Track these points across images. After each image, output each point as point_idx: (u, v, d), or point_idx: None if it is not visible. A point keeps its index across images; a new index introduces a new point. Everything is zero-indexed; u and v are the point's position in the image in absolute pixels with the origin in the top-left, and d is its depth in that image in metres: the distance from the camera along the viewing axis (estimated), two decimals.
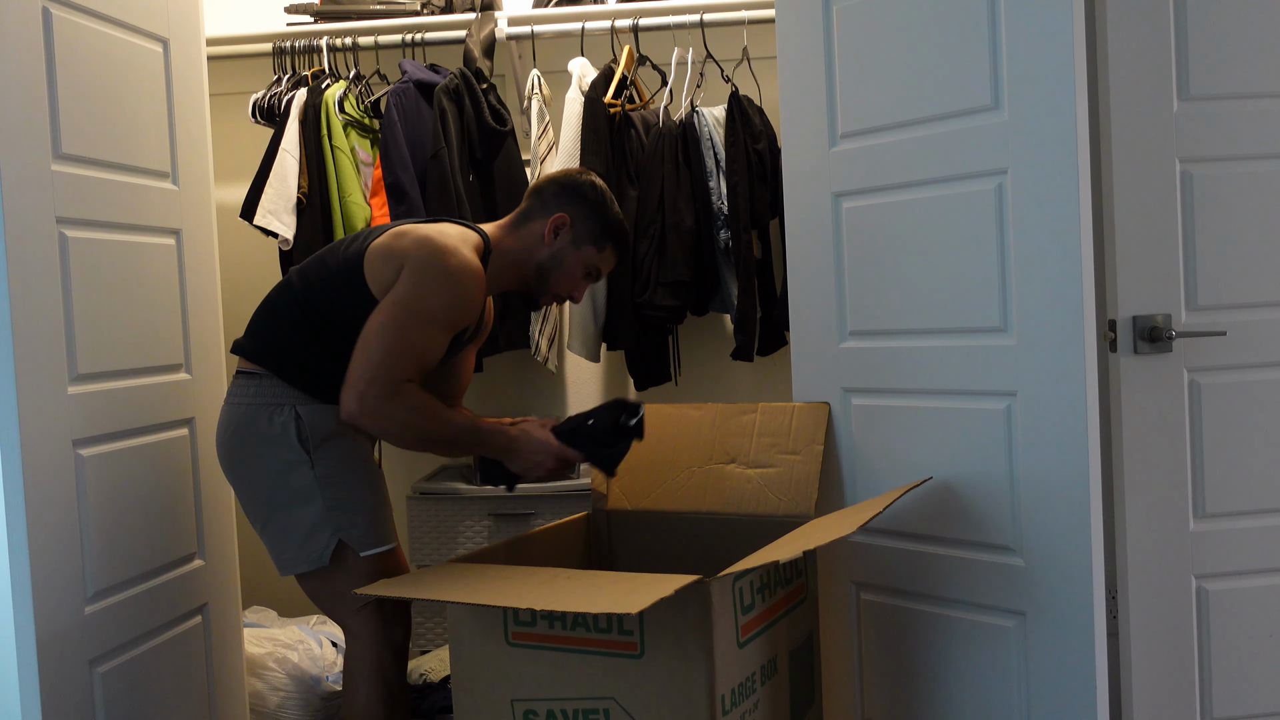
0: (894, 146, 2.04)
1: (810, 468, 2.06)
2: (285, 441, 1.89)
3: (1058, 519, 1.84)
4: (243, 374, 1.97)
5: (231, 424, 1.95)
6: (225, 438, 1.97)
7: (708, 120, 2.75)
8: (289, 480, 1.89)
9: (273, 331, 1.95)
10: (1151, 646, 2.05)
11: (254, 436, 1.92)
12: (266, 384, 1.93)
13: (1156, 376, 2.04)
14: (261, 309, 2.01)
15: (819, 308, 2.17)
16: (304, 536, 1.89)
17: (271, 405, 1.91)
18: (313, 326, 1.92)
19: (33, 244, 1.81)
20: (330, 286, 1.90)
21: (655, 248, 2.68)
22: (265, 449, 1.91)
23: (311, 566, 1.90)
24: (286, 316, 1.95)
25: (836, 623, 2.17)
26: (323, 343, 1.91)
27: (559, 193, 2.02)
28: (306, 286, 1.94)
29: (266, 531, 1.94)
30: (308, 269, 1.98)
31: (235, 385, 1.98)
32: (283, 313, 1.96)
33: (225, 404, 1.99)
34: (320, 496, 1.89)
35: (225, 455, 1.98)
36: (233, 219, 2.80)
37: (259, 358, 1.95)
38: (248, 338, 2.00)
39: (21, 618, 1.76)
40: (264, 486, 1.93)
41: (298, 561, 1.90)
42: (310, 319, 1.92)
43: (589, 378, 3.14)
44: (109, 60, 2.03)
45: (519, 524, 2.70)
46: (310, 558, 1.89)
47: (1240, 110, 2.05)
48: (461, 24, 2.85)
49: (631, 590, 1.46)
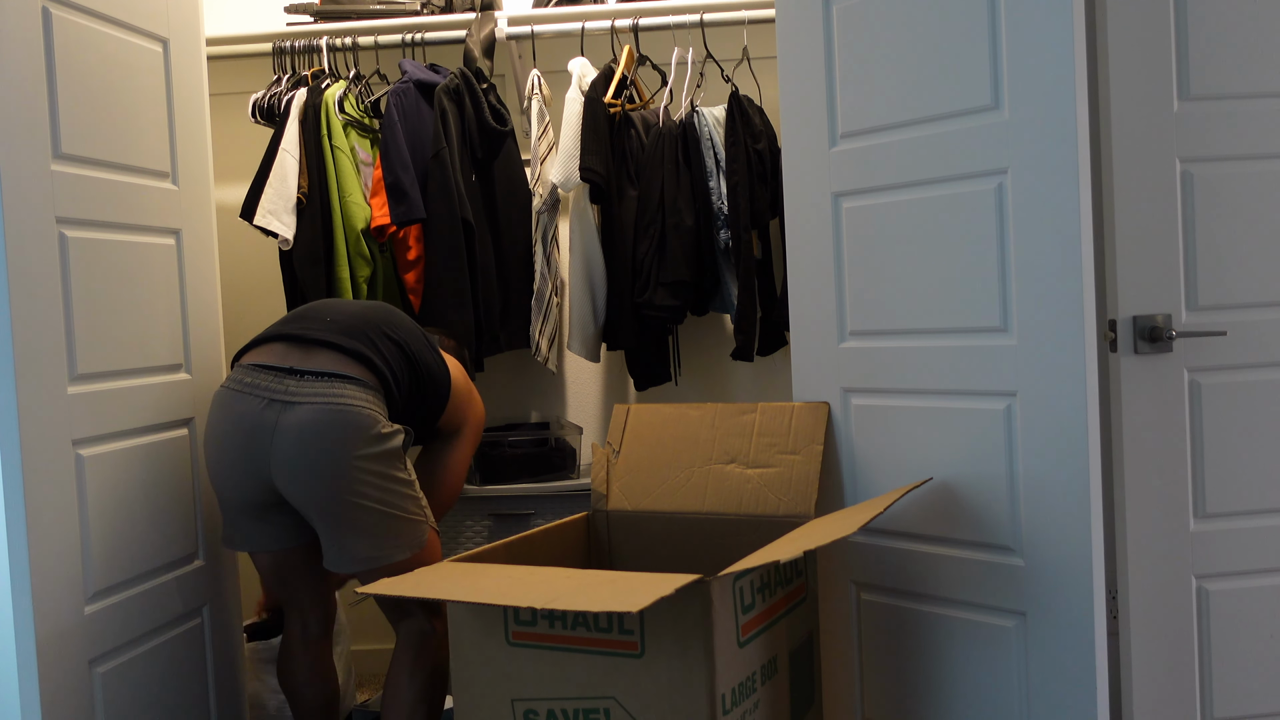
0: (894, 146, 2.04)
1: (810, 468, 2.06)
2: (394, 447, 2.04)
3: (1058, 519, 1.84)
4: (352, 379, 2.00)
5: (354, 424, 1.97)
6: (343, 434, 1.96)
7: (708, 120, 2.75)
8: (398, 480, 2.04)
9: (390, 358, 2.09)
10: (1151, 646, 2.05)
11: (374, 436, 2.00)
12: (376, 396, 2.03)
13: (1156, 376, 2.04)
14: (371, 327, 2.11)
15: (819, 308, 2.17)
16: (411, 527, 2.06)
17: (384, 414, 2.04)
18: (413, 384, 2.14)
19: (33, 244, 1.81)
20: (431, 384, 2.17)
21: (655, 248, 2.68)
22: (382, 450, 2.01)
23: (415, 551, 2.06)
24: (399, 354, 2.11)
25: (836, 623, 2.17)
26: (413, 396, 2.14)
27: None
28: (416, 356, 2.14)
29: (362, 527, 2.01)
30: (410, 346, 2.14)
31: (347, 387, 1.99)
32: (396, 348, 2.11)
33: (333, 405, 1.96)
34: (417, 494, 2.09)
35: (339, 452, 1.96)
36: (233, 219, 2.80)
37: (374, 371, 2.04)
38: (362, 345, 2.05)
39: (21, 618, 1.76)
40: (376, 486, 2.00)
41: (402, 548, 2.05)
42: (415, 376, 2.14)
43: (589, 378, 3.15)
44: (109, 60, 2.03)
45: (519, 524, 2.70)
46: (415, 544, 2.07)
47: (1240, 110, 2.05)
48: (461, 24, 2.85)
49: (632, 589, 1.46)
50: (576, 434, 2.91)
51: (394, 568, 2.02)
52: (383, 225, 2.67)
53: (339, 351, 2.02)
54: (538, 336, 2.81)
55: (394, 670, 2.11)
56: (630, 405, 2.28)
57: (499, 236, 2.82)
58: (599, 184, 2.70)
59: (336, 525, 2.00)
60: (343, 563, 2.03)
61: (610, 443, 2.25)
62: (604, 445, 2.26)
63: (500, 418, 3.11)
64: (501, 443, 2.83)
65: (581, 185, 2.75)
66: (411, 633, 2.10)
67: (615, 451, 2.24)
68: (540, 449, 2.84)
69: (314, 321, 2.10)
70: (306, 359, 2.02)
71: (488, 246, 2.75)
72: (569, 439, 2.88)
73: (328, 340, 2.03)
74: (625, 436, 2.25)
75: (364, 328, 2.09)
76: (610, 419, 2.30)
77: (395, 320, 2.17)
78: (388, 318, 2.16)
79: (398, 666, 2.10)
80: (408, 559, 2.05)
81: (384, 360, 2.06)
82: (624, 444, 2.24)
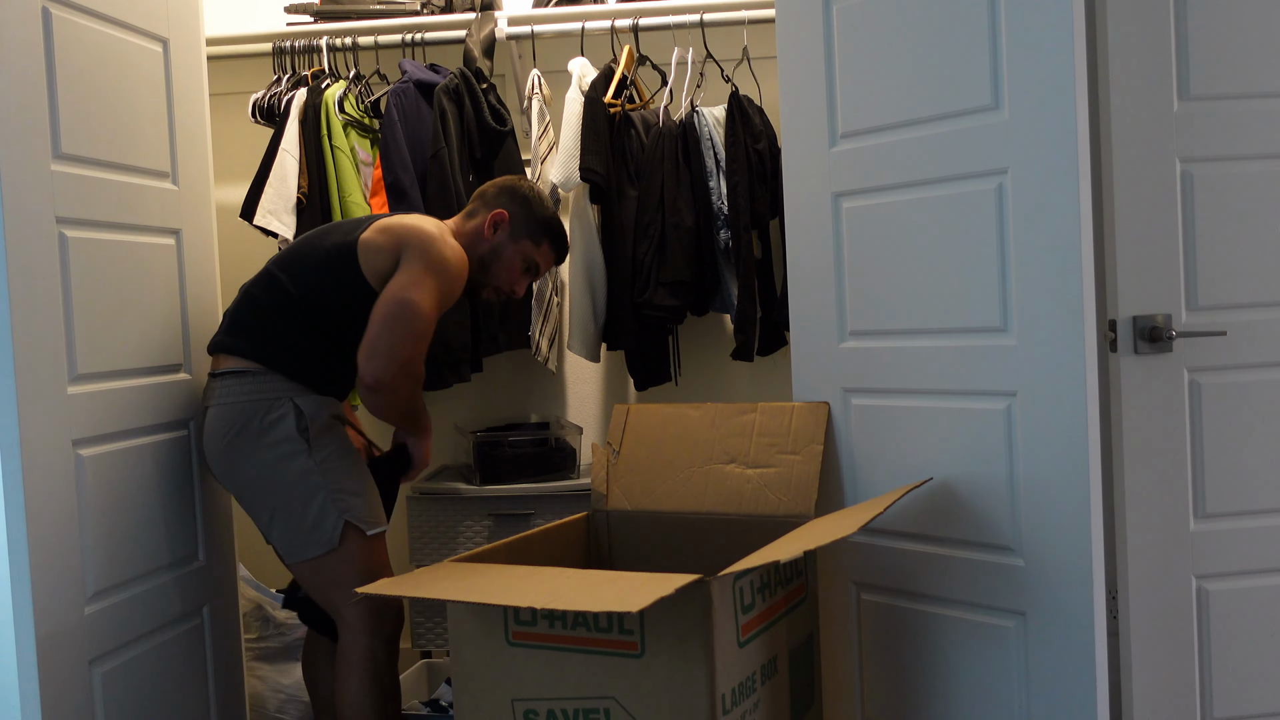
0: (894, 146, 2.04)
1: (810, 468, 2.06)
2: (285, 433, 1.97)
3: (1058, 519, 1.84)
4: (231, 373, 2.02)
5: (228, 423, 1.99)
6: (221, 439, 2.01)
7: (708, 120, 2.75)
8: (291, 469, 1.97)
9: (266, 327, 2.03)
10: (1151, 646, 2.05)
11: (253, 431, 1.98)
12: (261, 380, 2.00)
13: (1156, 376, 2.04)
14: (246, 306, 2.08)
15: (819, 308, 2.17)
16: (313, 522, 1.97)
17: (268, 400, 1.99)
18: (311, 319, 2.02)
19: (33, 244, 1.81)
20: (326, 279, 2.01)
21: (655, 248, 2.68)
22: (266, 443, 1.98)
23: (323, 550, 1.97)
24: (279, 311, 2.03)
25: (836, 623, 2.17)
26: (322, 333, 2.02)
27: (499, 193, 2.20)
28: (300, 281, 2.02)
29: (274, 524, 2.00)
30: (289, 264, 2.06)
31: (223, 385, 2.02)
32: (274, 308, 2.03)
33: (213, 406, 2.03)
34: (324, 482, 1.98)
35: (223, 455, 2.01)
36: (233, 219, 2.80)
37: (252, 354, 2.01)
38: (235, 336, 2.05)
39: (21, 618, 1.76)
40: (267, 480, 1.98)
41: (308, 546, 1.98)
42: (308, 312, 2.02)
43: (589, 378, 3.15)
44: (109, 60, 2.03)
45: (519, 524, 2.70)
46: (321, 541, 1.97)
47: (1240, 110, 2.05)
48: (461, 24, 2.85)
49: (632, 589, 1.46)
50: (576, 434, 2.91)
51: (309, 567, 2.01)
52: None
53: (223, 350, 2.07)
54: (538, 336, 2.81)
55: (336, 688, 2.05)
56: (630, 405, 2.28)
57: None
58: (599, 184, 2.70)
59: (254, 520, 2.05)
60: (280, 556, 2.05)
61: (610, 443, 2.25)
62: (604, 445, 2.26)
63: (500, 418, 3.11)
64: (501, 443, 2.83)
65: (582, 185, 2.75)
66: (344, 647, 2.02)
67: (615, 451, 2.24)
68: (540, 449, 2.84)
69: (223, 320, 2.15)
70: (215, 363, 2.10)
71: None
72: (569, 439, 2.88)
73: (217, 339, 2.10)
74: (625, 436, 2.25)
75: (238, 311, 2.09)
76: (610, 419, 2.30)
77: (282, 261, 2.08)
78: (264, 274, 2.08)
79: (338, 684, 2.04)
80: (320, 557, 1.98)
81: (257, 335, 2.03)
82: (624, 444, 2.24)
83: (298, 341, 2.02)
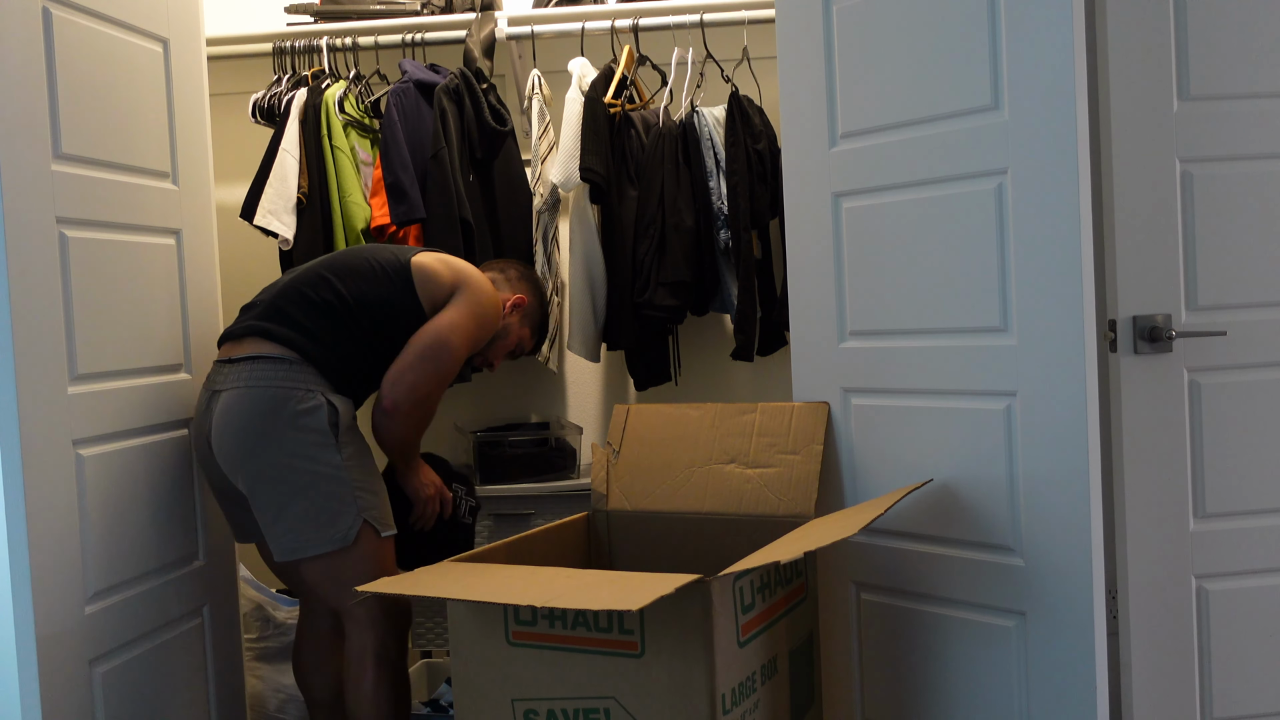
0: (894, 146, 2.04)
1: (810, 468, 2.06)
2: (318, 424, 1.99)
3: (1058, 519, 1.84)
4: (264, 358, 2.02)
5: (257, 405, 1.99)
6: (247, 420, 1.98)
7: (708, 120, 2.75)
8: (320, 460, 1.98)
9: (310, 322, 2.05)
10: (1151, 646, 2.05)
11: (286, 416, 1.98)
12: (296, 369, 2.01)
13: (1156, 376, 2.04)
14: (292, 299, 2.08)
15: (819, 308, 2.17)
16: (331, 516, 1.98)
17: (302, 389, 2.00)
18: (358, 325, 2.07)
19: (33, 244, 1.81)
20: (380, 290, 2.10)
21: (655, 248, 2.68)
22: (297, 429, 1.98)
23: (335, 546, 1.98)
24: (327, 311, 2.06)
25: (836, 623, 2.17)
26: (363, 341, 2.08)
27: (520, 277, 2.39)
28: (355, 289, 2.07)
29: (284, 514, 1.99)
30: (341, 272, 2.09)
31: (253, 368, 2.01)
32: (322, 307, 2.06)
33: (239, 388, 2.01)
34: (348, 479, 1.99)
35: (245, 436, 1.99)
36: (233, 219, 2.80)
37: (291, 344, 2.03)
38: (275, 323, 2.05)
39: (21, 617, 1.76)
40: (292, 467, 1.98)
41: (320, 541, 1.98)
42: (358, 318, 2.07)
43: (589, 378, 3.15)
44: (109, 60, 2.03)
45: (519, 524, 2.70)
46: (335, 537, 1.98)
47: (1240, 110, 2.05)
48: (461, 24, 2.85)
49: (632, 589, 1.46)
50: (576, 434, 2.91)
51: (321, 564, 1.99)
52: (383, 225, 2.67)
53: (257, 335, 2.06)
54: None
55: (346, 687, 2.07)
56: (630, 405, 2.28)
57: (499, 236, 2.82)
58: (599, 184, 2.70)
59: (261, 509, 2.01)
60: (276, 550, 2.02)
61: (610, 443, 2.25)
62: (604, 445, 2.26)
63: (500, 418, 3.11)
64: (501, 443, 2.83)
65: (582, 185, 2.75)
66: (355, 644, 2.04)
67: (615, 451, 2.24)
68: (540, 449, 2.84)
69: (249, 310, 2.14)
70: (237, 348, 2.08)
71: (487, 246, 2.75)
72: (569, 439, 2.88)
73: (250, 325, 2.08)
74: (625, 436, 2.25)
75: (281, 301, 2.09)
76: (610, 419, 2.30)
77: (333, 268, 2.11)
78: (315, 276, 2.11)
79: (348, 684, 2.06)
80: (333, 553, 1.98)
81: (299, 328, 2.04)
82: (624, 444, 2.24)
83: (340, 344, 2.06)
